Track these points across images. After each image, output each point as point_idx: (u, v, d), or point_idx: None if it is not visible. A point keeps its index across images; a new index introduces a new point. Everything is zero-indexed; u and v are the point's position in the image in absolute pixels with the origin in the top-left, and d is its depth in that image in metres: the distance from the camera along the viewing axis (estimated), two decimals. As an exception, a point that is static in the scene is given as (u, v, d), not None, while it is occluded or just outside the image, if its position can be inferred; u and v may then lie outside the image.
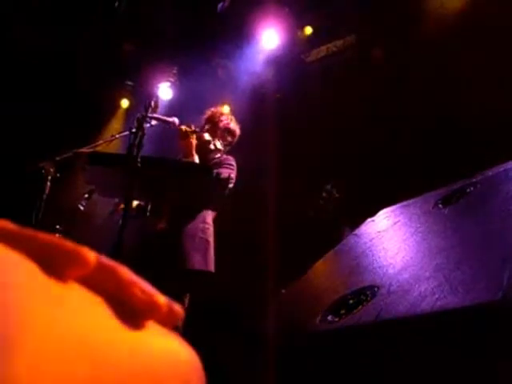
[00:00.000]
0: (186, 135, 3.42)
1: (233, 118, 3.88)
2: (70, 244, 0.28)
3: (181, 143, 3.48)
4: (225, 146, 3.78)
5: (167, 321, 0.33)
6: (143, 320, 0.31)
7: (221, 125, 3.74)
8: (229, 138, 3.82)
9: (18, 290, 0.25)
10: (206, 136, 3.65)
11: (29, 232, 0.29)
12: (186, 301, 3.31)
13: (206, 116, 3.77)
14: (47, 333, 0.24)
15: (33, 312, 0.24)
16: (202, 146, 3.56)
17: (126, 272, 0.31)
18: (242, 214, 5.28)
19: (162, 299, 0.32)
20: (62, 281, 0.27)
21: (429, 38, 4.93)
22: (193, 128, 3.48)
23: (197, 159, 3.42)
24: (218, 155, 3.68)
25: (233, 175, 3.52)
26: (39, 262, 0.27)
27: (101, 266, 0.30)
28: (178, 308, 0.34)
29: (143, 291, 0.31)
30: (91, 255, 0.28)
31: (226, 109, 3.84)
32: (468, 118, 4.35)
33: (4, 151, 5.41)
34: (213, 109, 3.83)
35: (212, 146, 3.66)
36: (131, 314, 0.30)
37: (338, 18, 5.83)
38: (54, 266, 0.27)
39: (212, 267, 3.41)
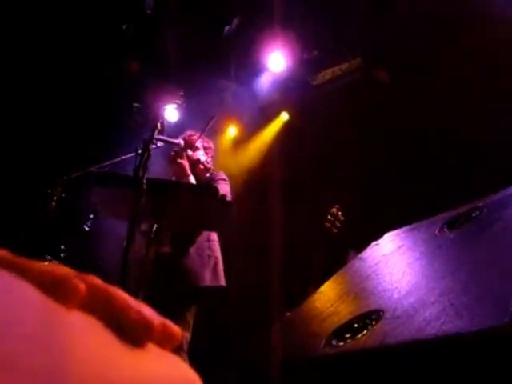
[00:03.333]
0: (179, 158, 3.43)
1: (199, 134, 3.86)
2: (60, 273, 0.29)
3: (173, 166, 3.48)
4: (210, 162, 3.81)
5: (164, 342, 0.33)
6: (140, 341, 0.31)
7: (197, 144, 3.75)
8: (210, 153, 3.85)
9: (19, 311, 0.25)
10: (194, 156, 3.67)
11: (23, 261, 0.29)
12: (191, 324, 3.30)
13: (179, 145, 3.72)
14: (46, 353, 0.24)
15: (37, 335, 0.24)
16: (192, 168, 3.58)
17: (120, 295, 0.31)
18: (247, 237, 5.27)
19: (156, 321, 0.32)
20: (63, 306, 0.28)
21: (436, 59, 4.96)
22: (183, 148, 3.48)
23: (193, 179, 3.43)
24: (209, 173, 3.72)
25: (228, 189, 3.54)
26: (38, 288, 0.27)
27: (95, 291, 0.30)
28: (175, 329, 0.34)
29: (136, 313, 0.31)
30: (81, 285, 0.29)
31: (188, 131, 3.86)
32: (476, 139, 4.35)
33: (10, 171, 5.43)
34: (181, 136, 3.80)
35: (201, 166, 3.69)
36: (129, 336, 0.30)
37: (343, 42, 5.88)
38: (50, 293, 0.27)
39: (223, 282, 3.41)
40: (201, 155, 3.75)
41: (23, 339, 0.24)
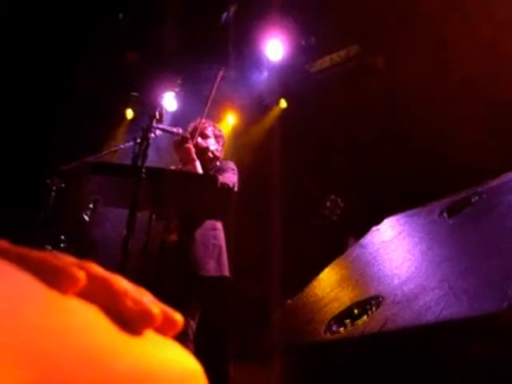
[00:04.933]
0: (184, 141, 3.40)
1: (212, 122, 3.88)
2: (60, 262, 0.29)
3: (179, 151, 3.45)
4: (220, 151, 3.79)
5: (164, 329, 0.33)
6: (139, 329, 0.31)
7: (208, 133, 3.74)
8: (221, 142, 3.83)
9: (23, 302, 0.25)
10: (203, 143, 3.64)
11: (24, 251, 0.30)
12: (197, 313, 3.30)
13: (190, 132, 3.73)
14: (50, 342, 0.24)
15: (37, 322, 0.25)
16: (200, 155, 3.55)
17: (119, 282, 0.31)
18: (247, 223, 5.28)
19: (156, 309, 0.32)
20: (61, 294, 0.28)
21: (432, 48, 4.95)
22: (188, 135, 3.45)
23: (199, 164, 3.40)
24: (218, 162, 3.68)
25: (235, 179, 3.51)
26: (38, 278, 0.27)
27: (94, 279, 0.30)
28: (175, 316, 0.34)
29: (135, 301, 0.31)
30: (80, 273, 0.29)
31: (199, 119, 3.85)
32: (476, 127, 4.34)
33: (10, 161, 5.43)
34: (192, 123, 3.80)
35: (210, 154, 3.66)
36: (127, 323, 0.30)
37: (341, 29, 5.85)
38: (50, 282, 0.28)
39: (227, 272, 3.41)
40: (211, 144, 3.72)
41: (23, 328, 0.24)
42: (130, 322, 0.31)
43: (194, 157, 3.39)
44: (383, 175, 4.99)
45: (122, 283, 0.32)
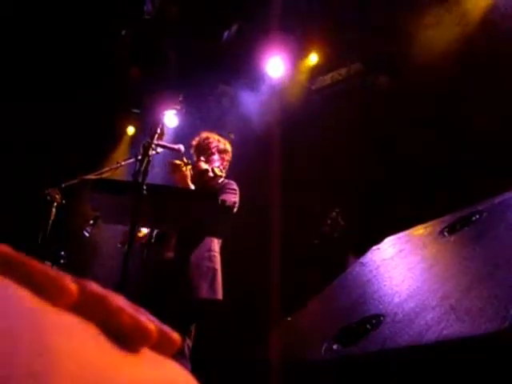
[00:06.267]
0: (177, 168, 3.39)
1: (217, 136, 3.86)
2: (53, 273, 0.28)
3: (174, 177, 3.44)
4: (224, 168, 3.74)
5: (162, 347, 0.33)
6: (136, 346, 0.31)
7: (212, 149, 3.71)
8: (226, 158, 3.79)
9: (17, 318, 0.25)
10: (203, 165, 3.60)
11: (22, 259, 0.29)
12: (193, 330, 3.27)
13: (194, 147, 3.73)
14: (47, 359, 0.24)
15: (31, 337, 0.24)
16: (200, 177, 3.52)
17: (115, 299, 0.31)
18: (247, 241, 5.27)
19: (152, 326, 0.32)
20: (54, 307, 0.27)
21: (432, 66, 4.97)
22: (185, 160, 3.43)
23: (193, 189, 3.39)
24: (220, 181, 3.65)
25: (236, 199, 3.48)
26: (31, 289, 0.27)
27: (89, 294, 0.30)
28: (173, 335, 0.34)
29: (132, 318, 0.31)
30: (73, 285, 0.28)
31: (204, 133, 3.82)
32: (476, 144, 4.35)
33: (11, 177, 5.44)
34: (196, 138, 3.80)
35: (211, 174, 3.61)
36: (124, 341, 0.30)
37: (343, 46, 5.89)
38: (43, 293, 0.27)
39: (220, 295, 3.37)
40: (215, 160, 3.68)
41: (11, 341, 0.23)
42: (127, 338, 0.30)
43: (188, 183, 3.37)
44: (384, 194, 4.99)
45: (119, 300, 0.31)
